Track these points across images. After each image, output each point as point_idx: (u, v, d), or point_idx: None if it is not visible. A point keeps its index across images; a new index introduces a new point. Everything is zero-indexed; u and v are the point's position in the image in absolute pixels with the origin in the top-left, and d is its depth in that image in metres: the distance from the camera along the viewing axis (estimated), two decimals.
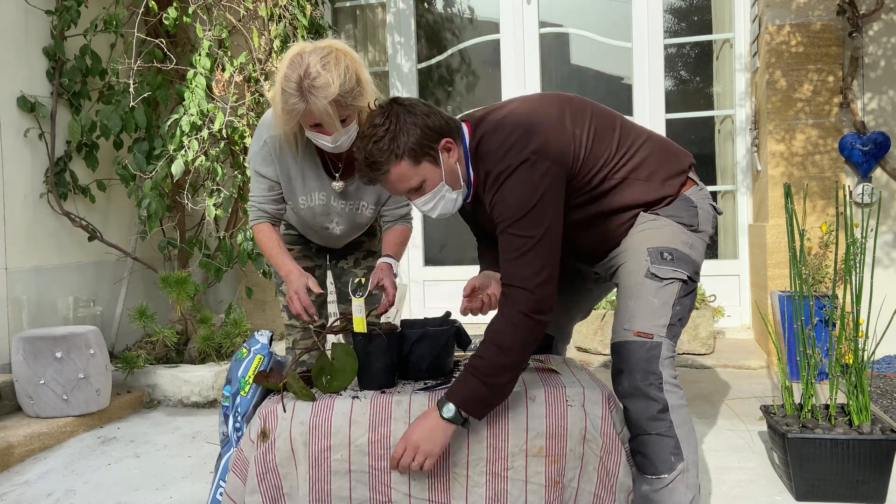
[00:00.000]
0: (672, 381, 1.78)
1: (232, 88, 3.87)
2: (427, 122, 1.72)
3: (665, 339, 1.78)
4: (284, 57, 1.93)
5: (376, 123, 1.71)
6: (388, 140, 1.69)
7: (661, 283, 1.79)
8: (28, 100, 3.70)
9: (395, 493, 1.77)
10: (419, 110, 1.73)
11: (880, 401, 3.29)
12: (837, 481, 2.24)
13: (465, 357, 2.27)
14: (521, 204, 1.68)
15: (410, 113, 1.72)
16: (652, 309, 1.78)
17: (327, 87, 1.85)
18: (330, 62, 1.87)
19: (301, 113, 1.89)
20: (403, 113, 1.71)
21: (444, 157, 1.75)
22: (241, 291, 4.53)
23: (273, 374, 1.90)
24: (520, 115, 1.77)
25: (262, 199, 2.17)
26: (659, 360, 1.76)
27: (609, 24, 4.81)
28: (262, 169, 2.12)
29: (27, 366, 3.13)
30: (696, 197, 1.88)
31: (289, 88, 1.87)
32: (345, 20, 5.23)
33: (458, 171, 1.79)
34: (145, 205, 3.82)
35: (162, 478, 2.69)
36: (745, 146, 4.55)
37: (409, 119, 1.71)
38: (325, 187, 2.18)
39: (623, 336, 1.80)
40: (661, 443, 1.75)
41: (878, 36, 3.96)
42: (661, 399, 1.75)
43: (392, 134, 1.69)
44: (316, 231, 2.34)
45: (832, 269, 3.68)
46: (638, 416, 1.77)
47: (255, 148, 2.12)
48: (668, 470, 1.74)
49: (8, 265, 3.59)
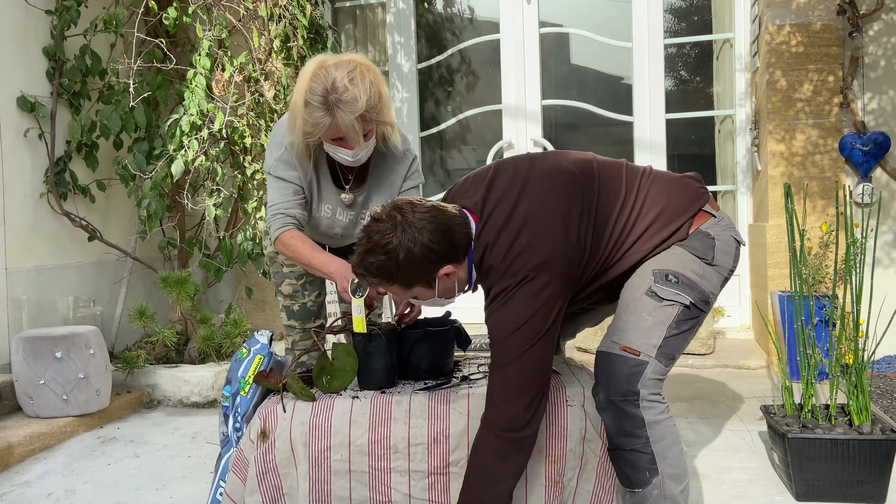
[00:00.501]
0: (651, 397, 1.71)
1: (232, 88, 3.87)
2: (431, 251, 1.65)
3: (653, 360, 1.71)
4: (305, 69, 1.92)
5: (376, 241, 1.65)
6: (384, 263, 1.65)
7: (660, 304, 1.72)
8: (28, 100, 3.70)
9: (395, 493, 1.77)
10: (426, 237, 1.65)
11: (880, 401, 3.29)
12: (837, 481, 2.24)
13: (465, 357, 2.27)
14: (512, 320, 1.64)
15: (415, 242, 1.64)
16: (644, 326, 1.72)
17: (355, 101, 1.85)
18: (356, 77, 1.87)
19: (326, 127, 1.89)
20: (408, 240, 1.64)
21: (441, 282, 1.72)
22: (241, 291, 4.53)
23: (273, 374, 1.90)
24: (526, 217, 1.69)
25: (289, 204, 2.09)
26: (641, 378, 1.70)
27: (609, 24, 4.81)
28: (286, 174, 2.08)
29: (27, 366, 3.13)
30: (714, 230, 1.80)
31: (314, 101, 1.86)
32: (345, 20, 5.23)
33: (454, 288, 1.76)
34: (145, 205, 3.82)
35: (162, 478, 2.69)
36: (745, 146, 4.55)
37: (414, 249, 1.64)
38: (331, 199, 2.17)
39: (609, 347, 1.75)
40: (635, 457, 1.71)
41: (879, 36, 3.96)
42: (636, 416, 1.69)
43: (391, 260, 1.64)
44: (316, 235, 2.34)
45: (832, 269, 3.68)
46: (612, 430, 1.74)
47: (275, 154, 2.08)
48: (643, 484, 1.71)
49: (8, 265, 3.59)
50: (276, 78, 4.01)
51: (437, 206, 1.71)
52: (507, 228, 1.69)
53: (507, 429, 1.63)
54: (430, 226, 1.66)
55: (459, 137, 5.14)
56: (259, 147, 3.97)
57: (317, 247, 2.05)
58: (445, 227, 1.68)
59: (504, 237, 1.68)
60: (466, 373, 2.05)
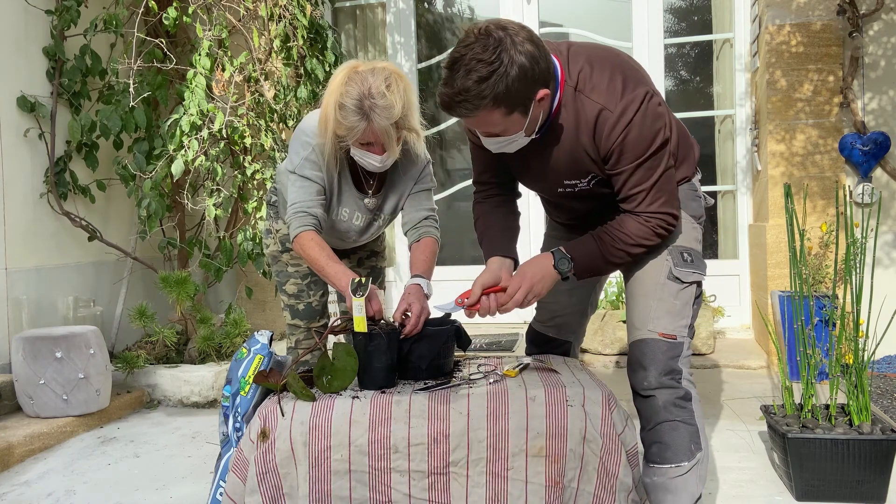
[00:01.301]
0: (689, 376, 1.83)
1: (232, 88, 3.87)
2: (534, 69, 1.55)
3: (686, 339, 1.83)
4: (336, 73, 1.94)
5: (482, 58, 1.52)
6: (491, 83, 1.53)
7: (682, 286, 1.83)
8: (28, 100, 3.70)
9: (395, 493, 1.77)
10: (527, 51, 1.54)
11: (880, 401, 3.29)
12: (837, 481, 2.24)
13: (464, 357, 2.27)
14: (648, 140, 1.67)
15: (520, 53, 1.53)
16: (675, 310, 1.82)
17: (391, 108, 1.88)
18: (392, 84, 1.90)
19: (361, 131, 1.91)
20: (514, 52, 1.53)
21: (535, 108, 1.63)
22: (241, 291, 4.53)
23: (273, 374, 1.90)
24: (602, 51, 1.75)
25: (312, 203, 2.08)
26: (679, 358, 1.81)
27: (609, 24, 4.81)
28: (312, 174, 2.08)
29: (27, 366, 3.13)
30: (698, 185, 1.93)
31: (350, 105, 1.88)
32: (345, 20, 5.23)
33: (539, 118, 1.69)
34: (145, 205, 3.82)
35: (162, 478, 2.69)
36: (745, 146, 4.55)
37: (518, 61, 1.53)
38: (351, 202, 2.19)
39: (647, 335, 1.83)
40: (683, 430, 1.78)
41: (878, 36, 3.96)
42: (684, 391, 1.80)
43: (498, 77, 1.52)
44: (327, 236, 2.34)
45: (832, 269, 3.68)
46: (665, 403, 1.80)
47: (302, 154, 2.07)
48: (688, 458, 1.78)
49: (8, 265, 3.59)
50: (276, 78, 4.01)
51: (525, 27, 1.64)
52: (594, 55, 1.71)
53: (663, 227, 1.76)
54: (531, 44, 1.56)
55: (460, 137, 5.14)
56: (259, 147, 3.97)
57: (333, 255, 2.04)
58: (541, 45, 1.60)
59: (597, 62, 1.70)
60: (466, 373, 2.05)
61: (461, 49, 1.55)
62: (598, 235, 1.79)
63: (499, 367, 2.07)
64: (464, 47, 1.55)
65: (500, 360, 2.16)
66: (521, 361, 2.05)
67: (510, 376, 1.93)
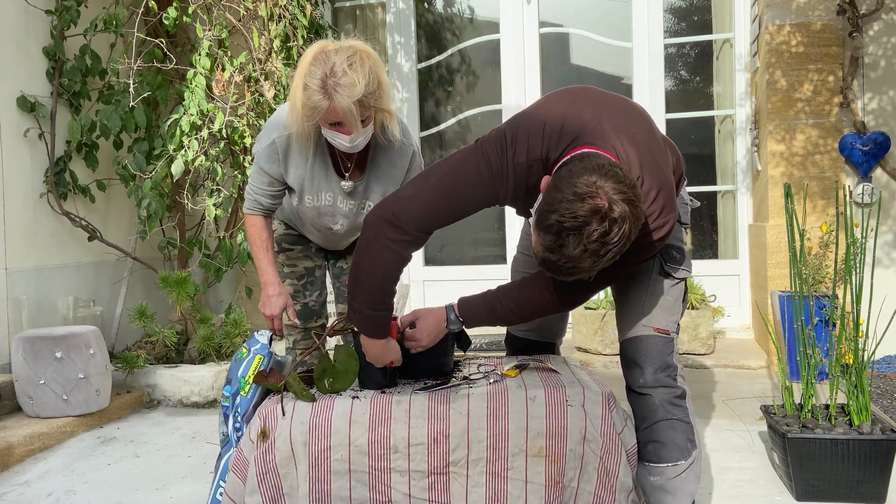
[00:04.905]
0: (682, 372, 1.86)
1: (232, 88, 3.87)
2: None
3: (675, 335, 1.87)
4: (306, 54, 1.93)
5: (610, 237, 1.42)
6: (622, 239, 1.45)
7: (673, 282, 1.86)
8: (28, 100, 3.70)
9: (395, 493, 1.77)
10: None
11: (880, 401, 3.29)
12: (837, 481, 2.24)
13: (464, 357, 2.27)
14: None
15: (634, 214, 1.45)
16: (668, 306, 1.85)
17: (353, 86, 1.86)
18: (356, 62, 1.88)
19: (324, 111, 1.90)
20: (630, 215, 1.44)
21: None
22: (241, 291, 4.53)
23: (273, 374, 1.90)
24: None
25: (260, 192, 2.19)
26: (673, 353, 1.84)
27: (609, 24, 4.81)
28: (266, 166, 2.14)
29: (27, 366, 3.13)
30: (684, 193, 1.94)
31: (313, 85, 1.87)
32: (345, 20, 5.23)
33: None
34: (145, 205, 3.82)
35: (162, 478, 2.69)
36: (745, 146, 4.55)
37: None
38: (332, 187, 2.18)
39: (641, 331, 1.84)
40: (680, 428, 1.80)
41: (878, 36, 3.96)
42: (679, 387, 1.82)
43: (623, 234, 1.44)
44: (319, 231, 2.34)
45: (832, 269, 3.68)
46: (661, 401, 1.81)
47: (263, 143, 2.13)
48: (685, 457, 1.79)
49: (8, 265, 3.59)
50: (276, 78, 4.01)
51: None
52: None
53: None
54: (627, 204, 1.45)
55: (459, 137, 5.14)
56: None
57: (268, 249, 2.24)
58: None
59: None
60: (466, 373, 2.05)
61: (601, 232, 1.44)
62: (493, 292, 1.83)
63: (499, 367, 2.07)
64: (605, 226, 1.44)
65: (500, 360, 2.16)
66: (521, 361, 2.05)
67: (510, 376, 1.93)
